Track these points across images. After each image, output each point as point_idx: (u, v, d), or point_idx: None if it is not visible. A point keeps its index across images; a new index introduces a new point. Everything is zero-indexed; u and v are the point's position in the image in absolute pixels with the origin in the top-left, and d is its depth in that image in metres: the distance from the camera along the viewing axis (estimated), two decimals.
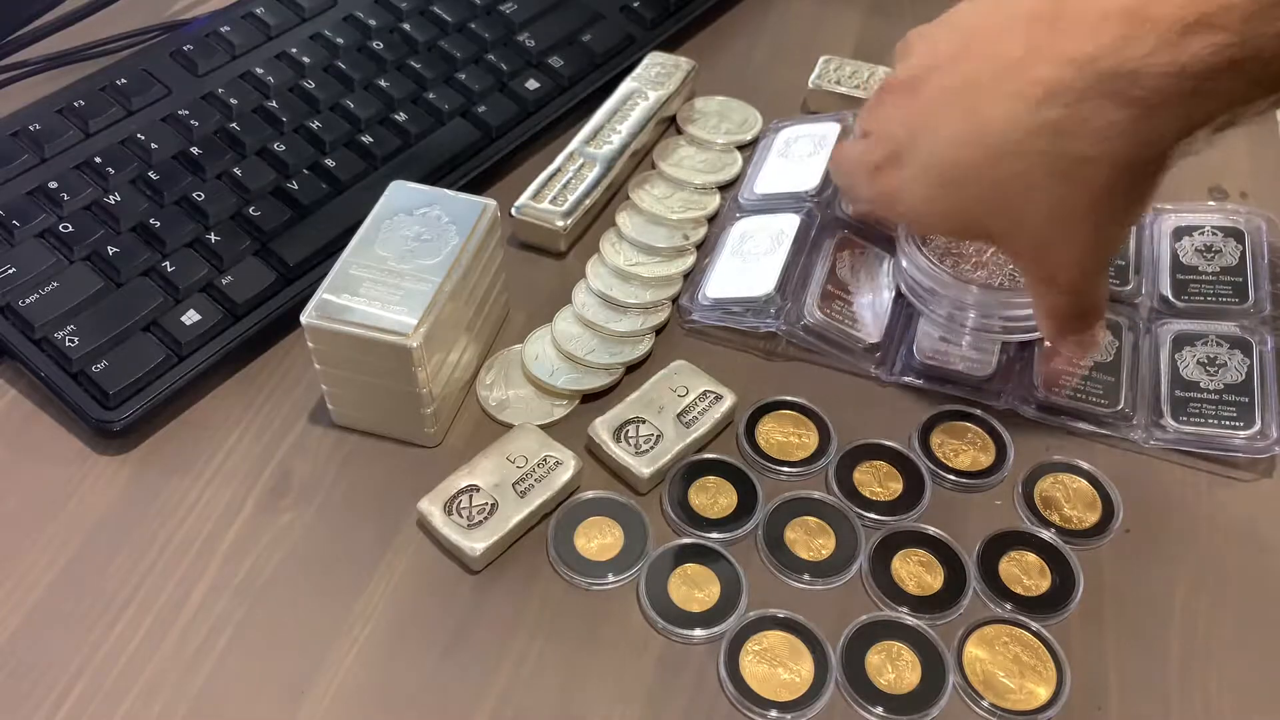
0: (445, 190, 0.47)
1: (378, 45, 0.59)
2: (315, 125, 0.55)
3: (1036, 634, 0.40)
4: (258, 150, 0.54)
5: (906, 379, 0.48)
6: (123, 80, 0.56)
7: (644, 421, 0.45)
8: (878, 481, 0.45)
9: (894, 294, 0.50)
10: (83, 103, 0.55)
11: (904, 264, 0.50)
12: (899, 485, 0.45)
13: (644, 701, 0.39)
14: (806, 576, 0.42)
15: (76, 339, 0.46)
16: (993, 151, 0.39)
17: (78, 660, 0.40)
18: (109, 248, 0.49)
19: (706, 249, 0.53)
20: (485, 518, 0.42)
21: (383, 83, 0.58)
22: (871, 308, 0.50)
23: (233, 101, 0.56)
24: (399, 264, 0.43)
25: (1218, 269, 0.51)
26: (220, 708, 0.39)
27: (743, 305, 0.49)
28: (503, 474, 0.44)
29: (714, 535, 0.43)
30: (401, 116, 0.56)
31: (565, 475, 0.44)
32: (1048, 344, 0.48)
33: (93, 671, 0.39)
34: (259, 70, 0.57)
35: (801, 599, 0.42)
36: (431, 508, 0.43)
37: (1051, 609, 0.41)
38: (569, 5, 0.63)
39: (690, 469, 0.45)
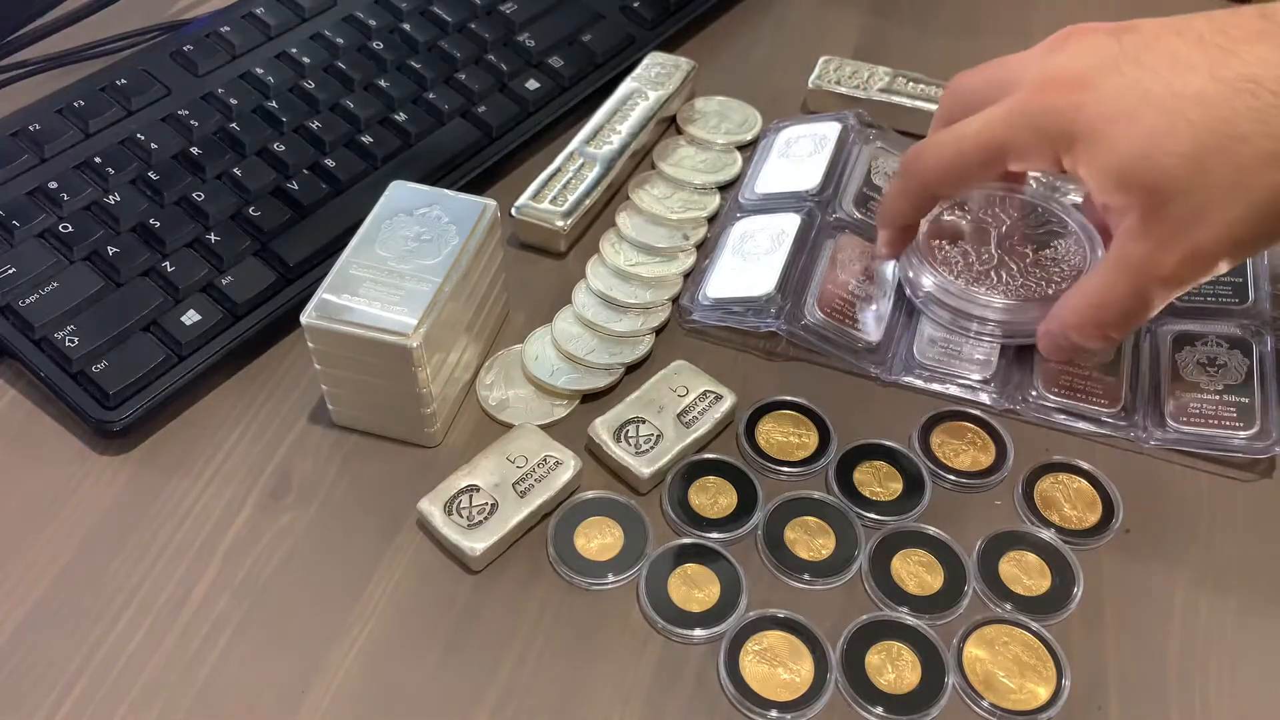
0: (445, 190, 0.47)
1: (378, 45, 0.59)
2: (315, 125, 0.55)
3: (1036, 634, 0.40)
4: (258, 150, 0.54)
5: (906, 379, 0.48)
6: (123, 80, 0.56)
7: (644, 421, 0.45)
8: (878, 481, 0.45)
9: (894, 294, 0.51)
10: (83, 103, 0.55)
11: (904, 264, 0.50)
12: (899, 485, 0.45)
13: (644, 701, 0.39)
14: (806, 576, 0.42)
15: (76, 339, 0.46)
16: (1230, 87, 0.37)
17: (78, 660, 0.40)
18: (109, 248, 0.49)
19: (706, 249, 0.53)
20: (485, 518, 0.42)
21: (383, 83, 0.58)
22: (872, 308, 0.50)
23: (233, 101, 0.56)
24: (399, 264, 0.43)
25: None
26: (220, 708, 0.39)
27: (743, 305, 0.49)
28: (503, 474, 0.44)
29: (714, 535, 0.43)
30: (401, 116, 0.56)
31: (565, 475, 0.44)
32: (1042, 332, 0.45)
33: (93, 671, 0.39)
34: (259, 70, 0.57)
35: (801, 599, 0.42)
36: (431, 508, 0.43)
37: (1051, 609, 0.41)
38: (569, 5, 0.63)
39: (690, 469, 0.45)
